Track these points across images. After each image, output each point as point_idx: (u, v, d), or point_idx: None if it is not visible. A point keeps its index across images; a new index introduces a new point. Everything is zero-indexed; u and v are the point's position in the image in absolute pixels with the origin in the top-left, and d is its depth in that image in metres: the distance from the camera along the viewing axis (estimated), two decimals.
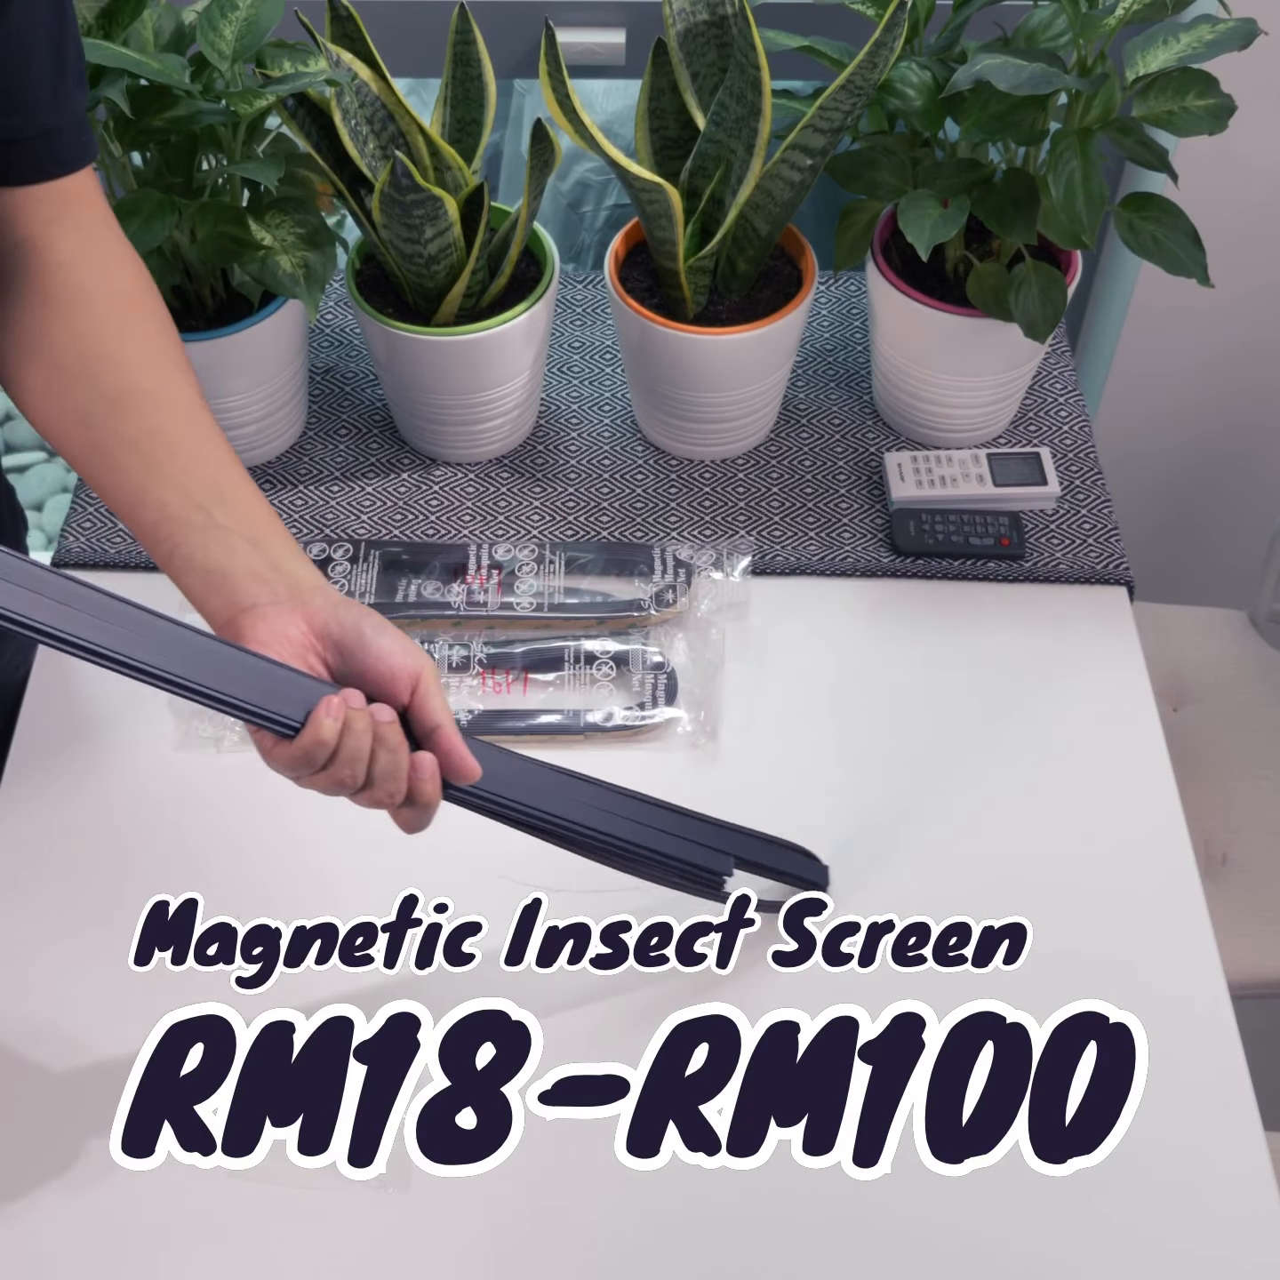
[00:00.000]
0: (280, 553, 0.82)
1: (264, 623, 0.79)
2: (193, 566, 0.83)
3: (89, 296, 0.90)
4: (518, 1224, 0.91)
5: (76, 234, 0.91)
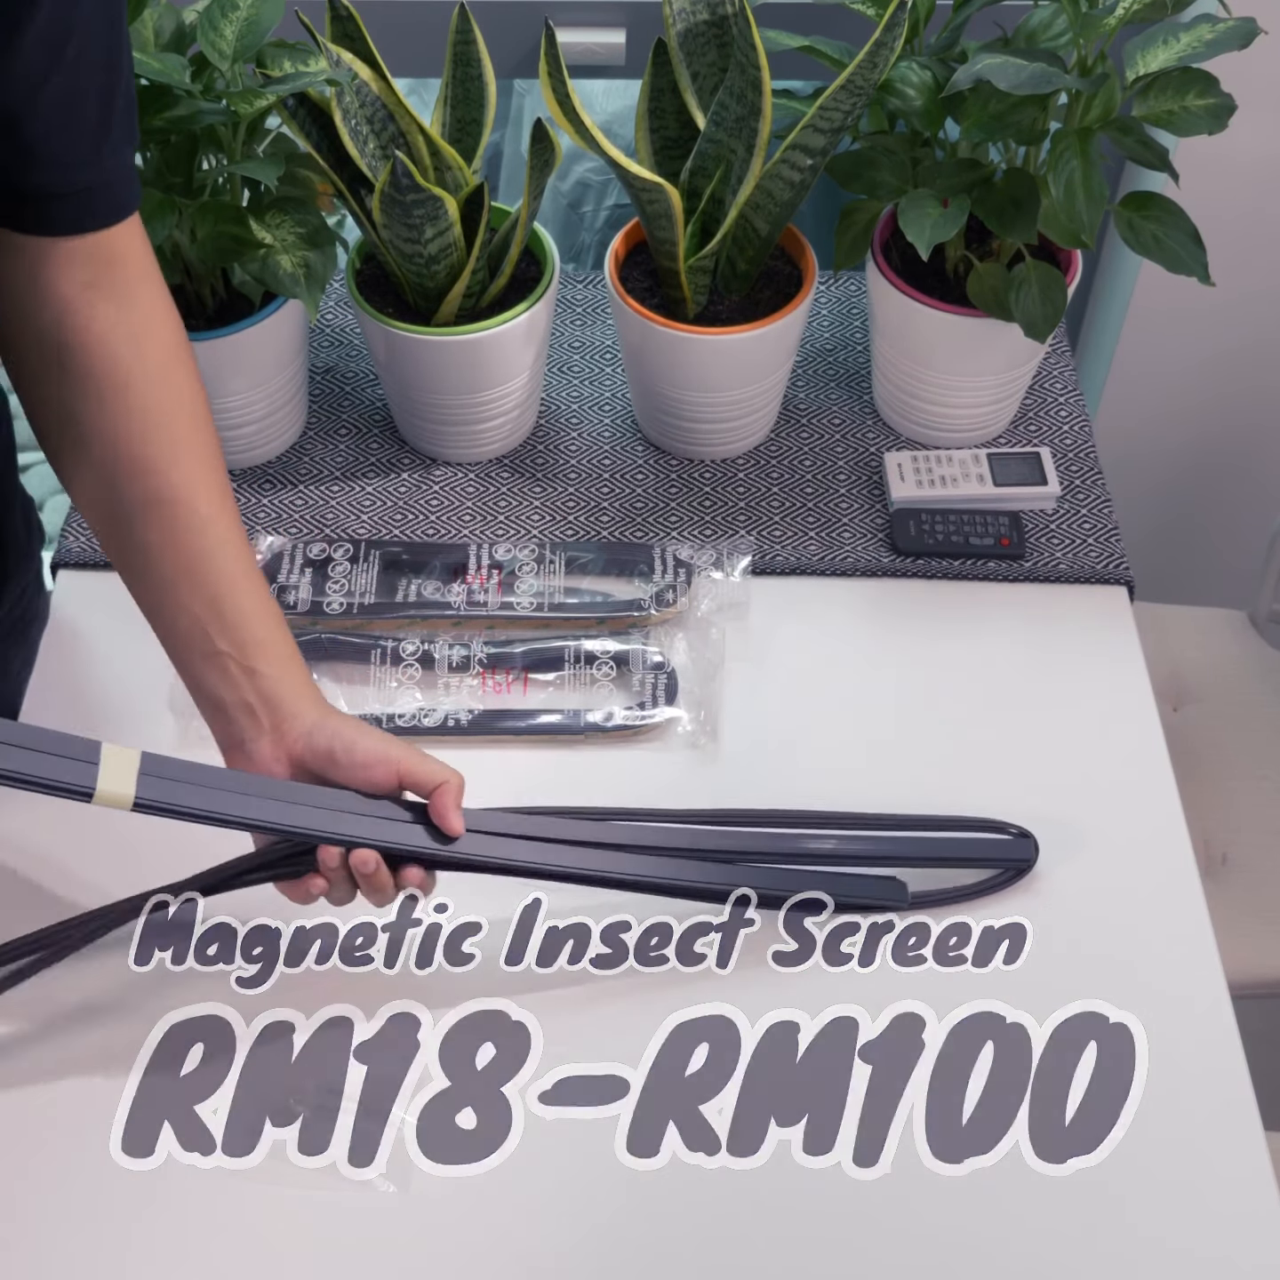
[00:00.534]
0: (270, 677, 0.89)
1: (251, 764, 0.90)
2: (195, 688, 0.92)
3: (123, 381, 0.90)
4: (518, 1224, 0.91)
5: (115, 302, 0.90)
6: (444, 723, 1.11)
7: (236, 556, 0.91)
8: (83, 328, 0.89)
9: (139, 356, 0.91)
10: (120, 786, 0.85)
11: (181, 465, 0.91)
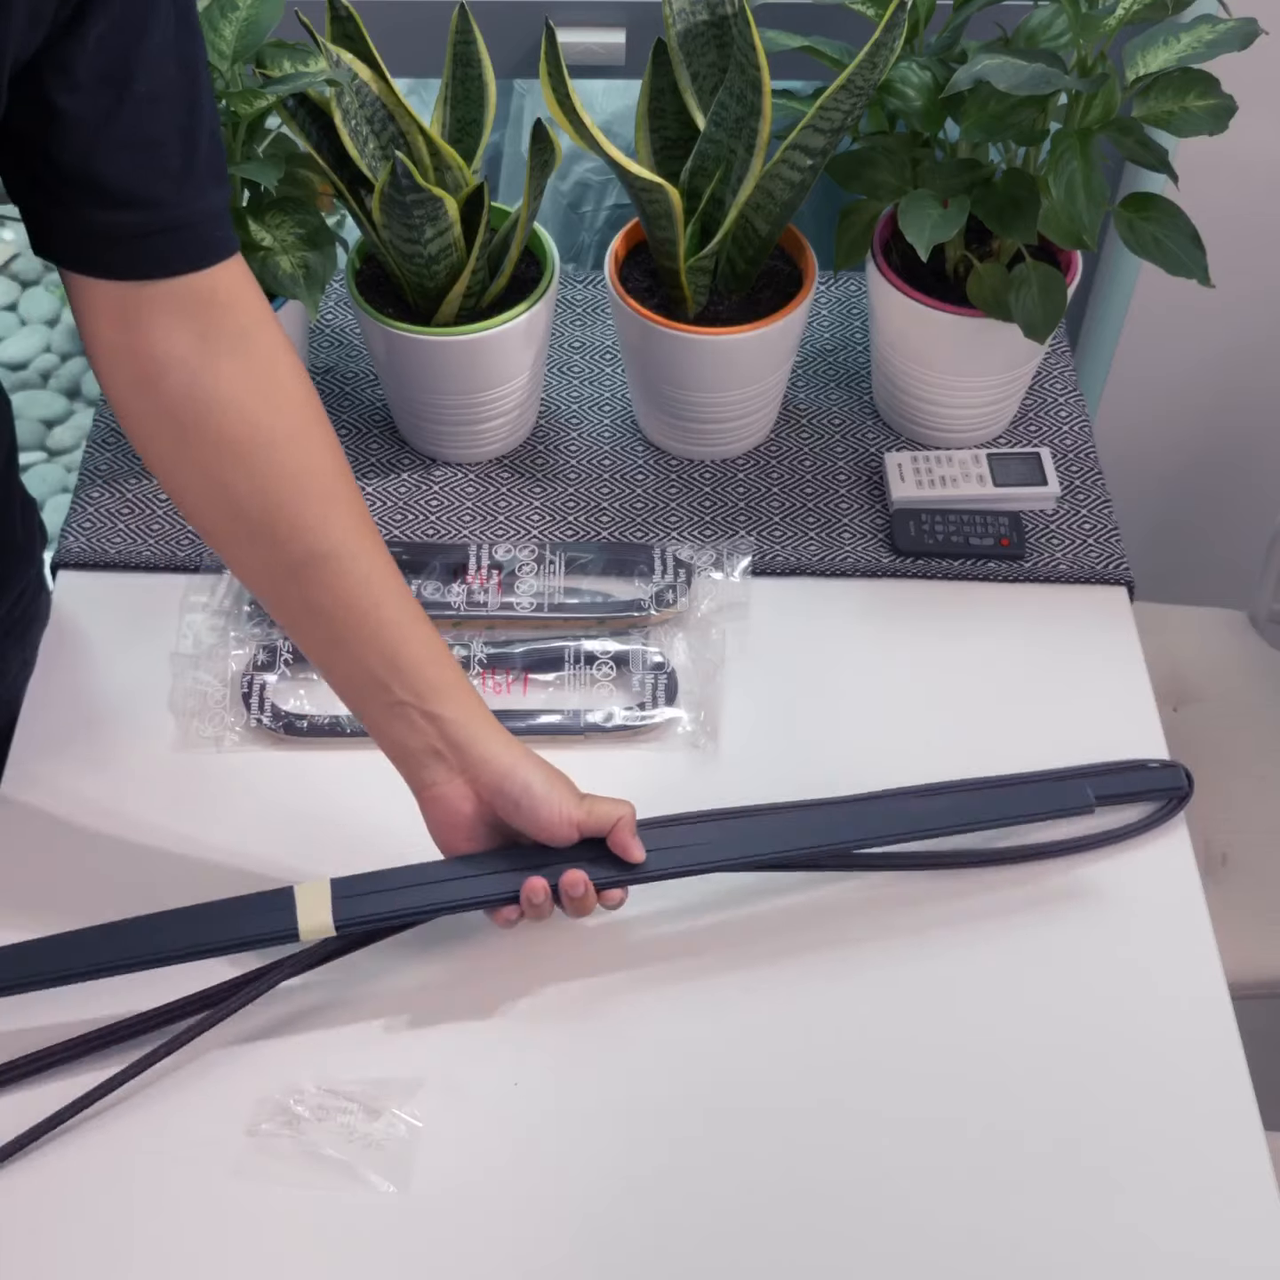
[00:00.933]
0: (455, 722, 0.91)
1: (440, 805, 0.93)
2: (379, 736, 0.94)
3: (266, 440, 0.89)
4: (518, 1224, 0.91)
5: (236, 357, 0.89)
6: None
7: (402, 605, 0.92)
8: (211, 389, 0.88)
9: (276, 411, 0.90)
10: (319, 919, 0.93)
11: (336, 520, 0.91)
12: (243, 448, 0.89)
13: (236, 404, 0.89)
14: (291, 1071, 0.95)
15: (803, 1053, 0.97)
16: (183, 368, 0.88)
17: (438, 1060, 0.96)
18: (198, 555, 1.22)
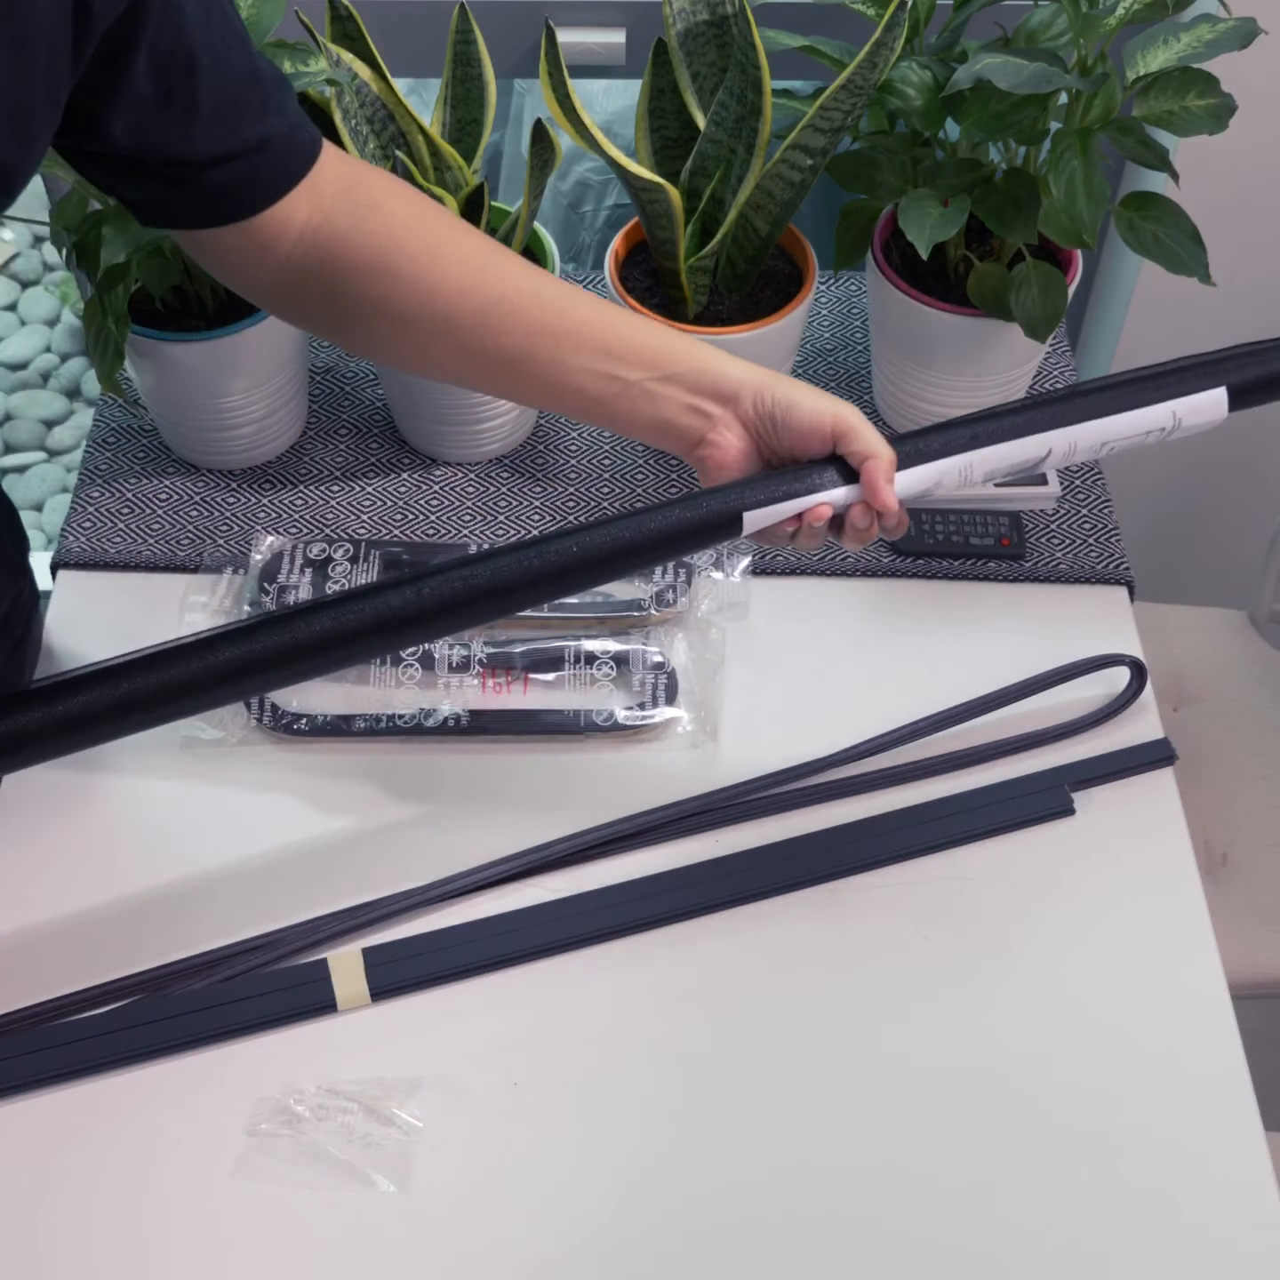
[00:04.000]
0: (691, 372, 0.91)
1: (717, 451, 0.91)
2: (635, 427, 0.93)
3: (396, 243, 0.92)
4: (518, 1224, 0.91)
5: (339, 193, 0.92)
6: (444, 723, 1.11)
7: (584, 301, 0.94)
8: (330, 234, 0.91)
9: (386, 214, 0.93)
10: (355, 988, 0.97)
11: (484, 265, 0.93)
12: (381, 261, 0.92)
13: (355, 230, 0.92)
14: (291, 1071, 0.95)
15: (803, 1053, 0.97)
16: (305, 237, 0.91)
17: (438, 1060, 0.96)
18: (197, 555, 1.22)
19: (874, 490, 0.88)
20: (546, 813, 1.07)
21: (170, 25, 0.80)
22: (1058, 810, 1.08)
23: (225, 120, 0.85)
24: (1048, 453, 0.93)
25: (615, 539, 0.88)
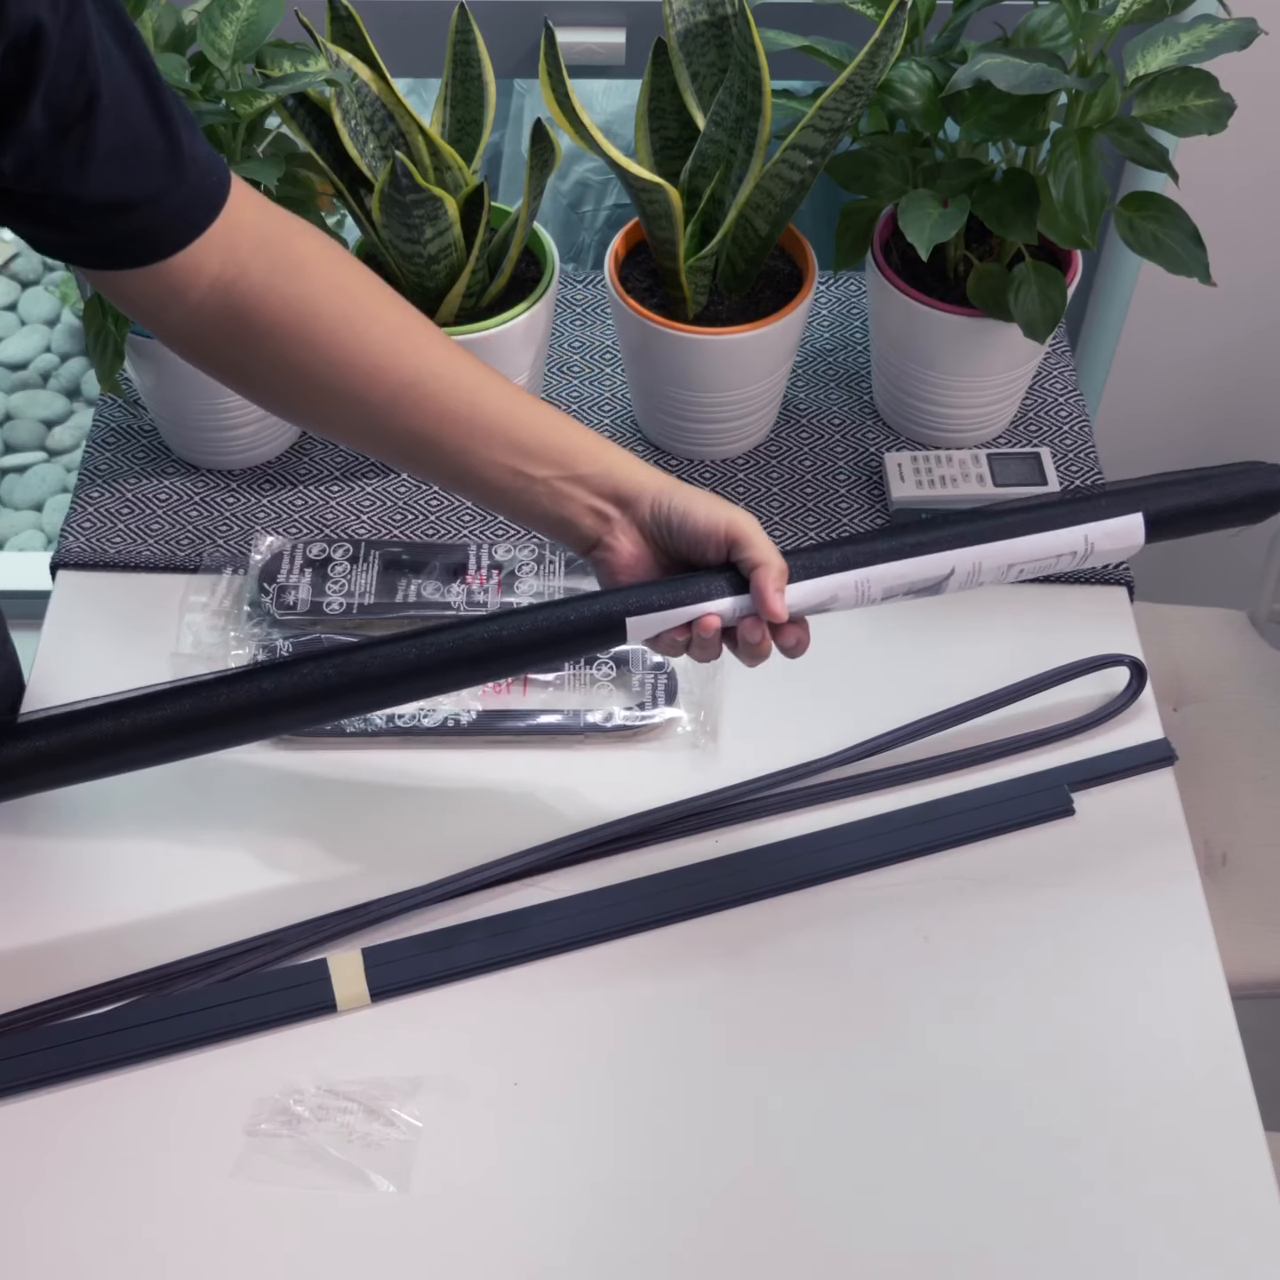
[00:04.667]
0: (597, 475, 0.91)
1: (612, 555, 0.91)
2: (535, 522, 0.93)
3: (311, 310, 0.89)
4: (518, 1225, 0.91)
5: (260, 251, 0.88)
6: (444, 723, 1.11)
7: (500, 392, 0.92)
8: (245, 291, 0.88)
9: (307, 279, 0.90)
10: (355, 988, 0.97)
11: (403, 345, 0.90)
12: (291, 327, 0.89)
13: (270, 289, 0.88)
14: (291, 1071, 0.95)
15: (803, 1052, 0.97)
16: (219, 291, 0.88)
17: (438, 1060, 0.96)
18: (197, 555, 1.22)
19: (762, 599, 0.87)
20: (546, 813, 1.07)
21: (72, 62, 0.76)
22: (1058, 810, 1.08)
23: (122, 163, 0.81)
24: (950, 572, 0.93)
25: (493, 638, 0.88)
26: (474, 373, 0.92)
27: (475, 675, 0.91)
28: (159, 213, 0.84)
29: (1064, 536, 0.92)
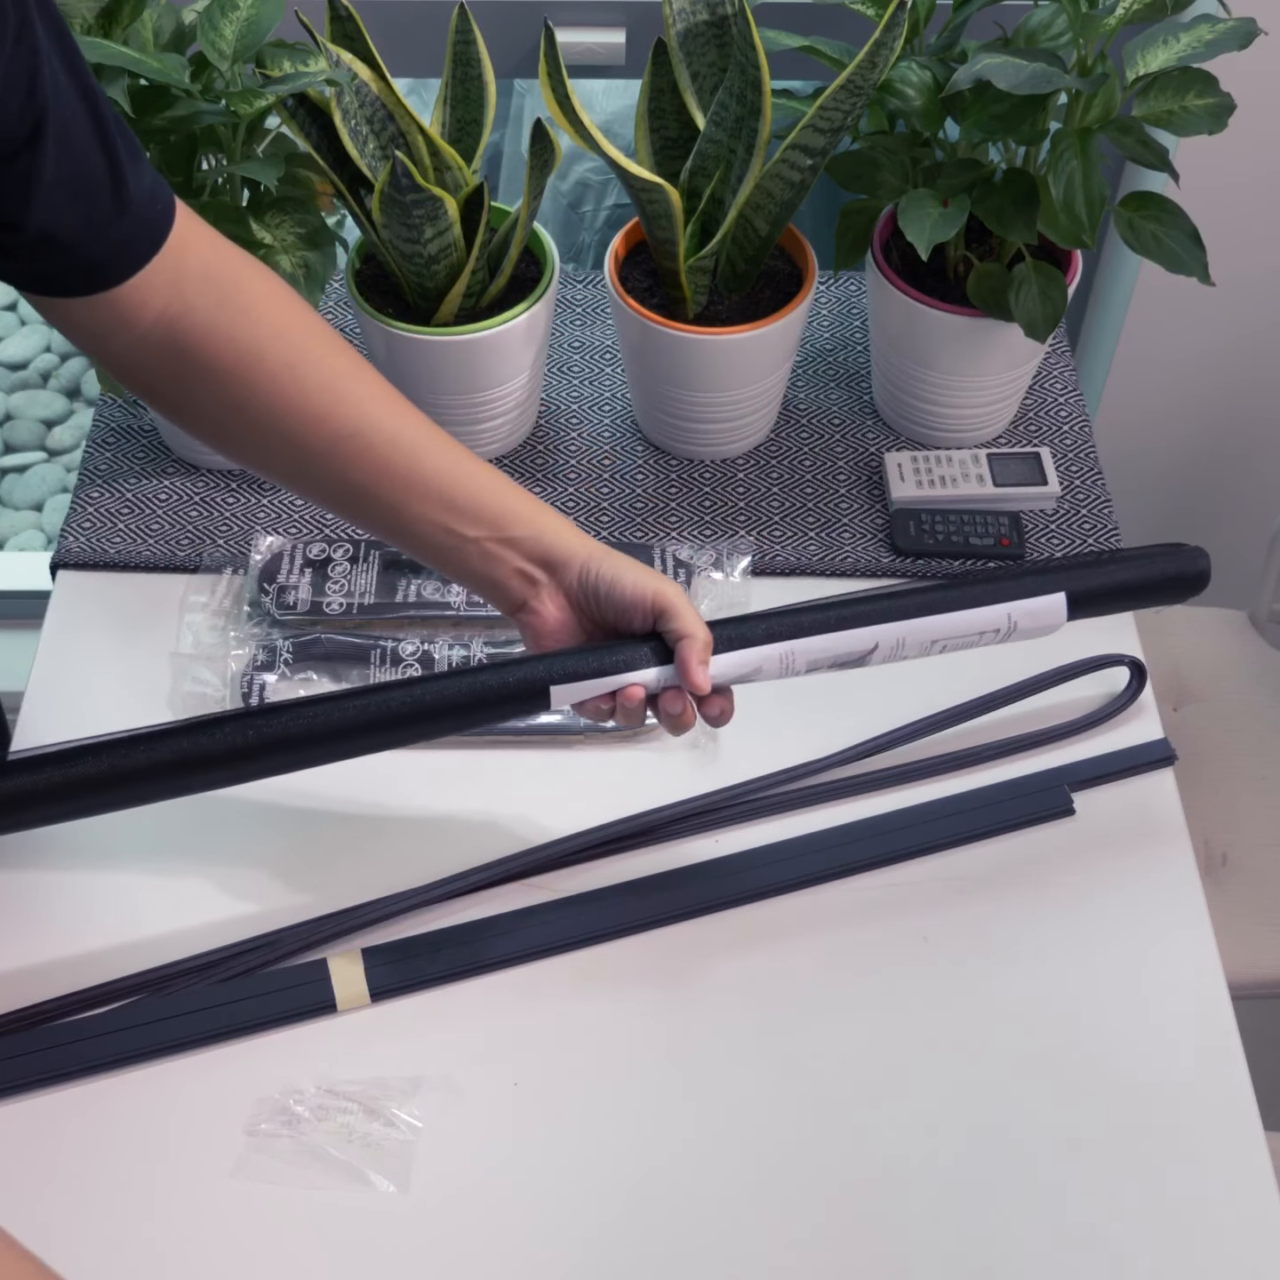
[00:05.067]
0: (528, 538, 0.91)
1: (536, 619, 0.92)
2: (463, 578, 0.94)
3: (254, 355, 0.89)
4: (518, 1225, 0.91)
5: (199, 284, 0.87)
6: None
7: (440, 450, 0.92)
8: (188, 328, 0.88)
9: (252, 322, 0.89)
10: (355, 988, 0.97)
11: (345, 394, 0.90)
12: (234, 368, 0.88)
13: (215, 329, 0.88)
14: (291, 1071, 0.95)
15: (803, 1052, 0.97)
16: (156, 314, 0.87)
17: (438, 1060, 0.96)
18: (197, 555, 1.22)
19: (685, 670, 0.87)
20: (546, 813, 1.07)
21: (20, 87, 0.74)
22: (1057, 810, 1.08)
23: (66, 192, 0.80)
24: (874, 646, 0.94)
25: (415, 701, 0.89)
26: (415, 428, 0.92)
27: (396, 738, 0.92)
28: (101, 244, 0.83)
29: (987, 614, 0.94)
